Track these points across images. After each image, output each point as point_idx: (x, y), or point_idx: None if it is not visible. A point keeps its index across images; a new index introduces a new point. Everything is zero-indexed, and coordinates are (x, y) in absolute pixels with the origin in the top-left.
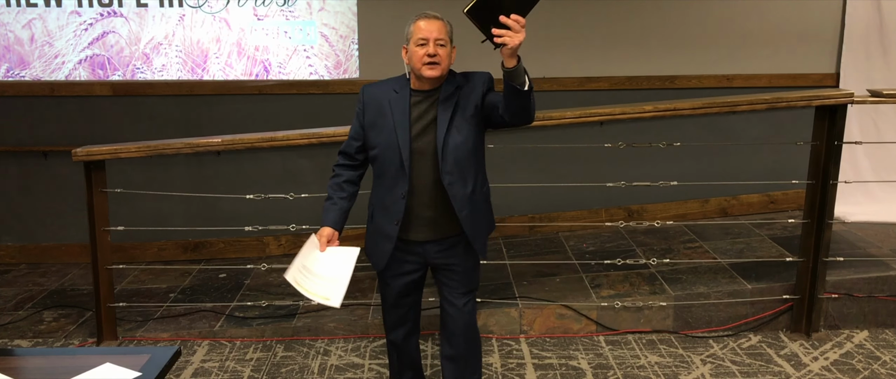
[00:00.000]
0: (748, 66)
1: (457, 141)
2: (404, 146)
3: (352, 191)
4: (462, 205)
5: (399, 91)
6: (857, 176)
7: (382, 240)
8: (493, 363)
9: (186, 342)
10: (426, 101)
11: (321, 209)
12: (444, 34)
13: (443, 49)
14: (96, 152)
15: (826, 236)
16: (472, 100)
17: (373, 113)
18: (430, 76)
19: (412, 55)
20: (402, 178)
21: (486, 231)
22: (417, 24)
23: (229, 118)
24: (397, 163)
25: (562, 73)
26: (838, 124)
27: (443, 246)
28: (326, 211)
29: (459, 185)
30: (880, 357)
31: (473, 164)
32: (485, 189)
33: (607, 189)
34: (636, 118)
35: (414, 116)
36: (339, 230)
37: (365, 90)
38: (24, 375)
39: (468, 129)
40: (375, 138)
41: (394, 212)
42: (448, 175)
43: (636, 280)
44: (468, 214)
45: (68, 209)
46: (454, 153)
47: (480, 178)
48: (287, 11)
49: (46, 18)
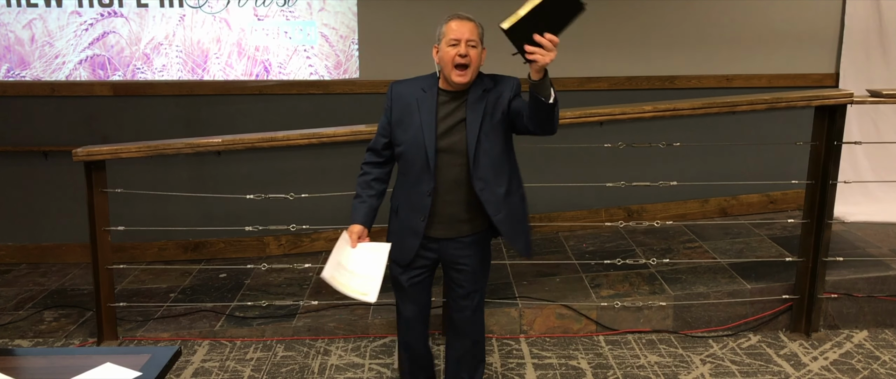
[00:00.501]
0: (748, 66)
1: (487, 145)
2: (430, 144)
3: (380, 189)
4: (497, 208)
5: (427, 90)
6: (857, 176)
7: (408, 235)
8: (493, 363)
9: (187, 342)
10: (454, 101)
11: (321, 209)
12: (476, 36)
13: (473, 50)
14: (96, 152)
15: (826, 236)
16: (499, 106)
17: (400, 110)
18: (460, 83)
19: (443, 55)
20: (427, 175)
21: (525, 231)
22: (449, 24)
23: (229, 118)
24: (422, 160)
25: (562, 73)
26: (838, 124)
27: (460, 244)
28: (355, 209)
29: (492, 188)
30: (880, 357)
31: (506, 166)
32: (521, 190)
33: (607, 189)
34: (636, 118)
35: (441, 116)
36: (368, 227)
37: (393, 87)
38: (24, 374)
39: (496, 134)
40: (401, 136)
41: (420, 208)
42: (480, 181)
43: (636, 280)
44: (505, 216)
45: (68, 209)
46: (486, 157)
47: (515, 181)
48: (287, 12)
49: (47, 18)
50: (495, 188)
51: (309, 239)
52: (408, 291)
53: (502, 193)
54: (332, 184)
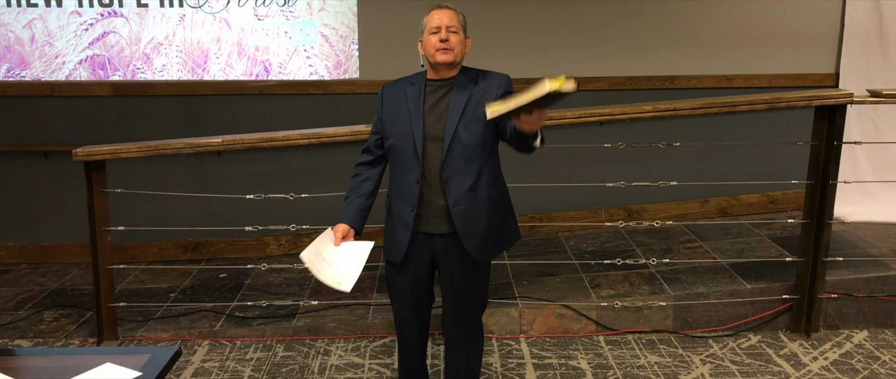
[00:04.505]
0: (748, 66)
1: (464, 135)
2: (418, 131)
3: (370, 189)
4: (457, 199)
5: (415, 83)
6: (857, 176)
7: (399, 229)
8: (493, 363)
9: (187, 342)
10: (441, 89)
11: (321, 209)
12: (457, 22)
13: (455, 36)
14: (96, 152)
15: (825, 236)
16: (484, 99)
17: (391, 106)
18: (444, 61)
19: (426, 44)
20: (415, 163)
21: (489, 235)
22: (430, 15)
23: (229, 118)
24: (411, 149)
25: (562, 73)
26: (838, 124)
27: (454, 240)
28: (344, 209)
29: (458, 178)
30: (880, 357)
31: (480, 161)
32: (492, 191)
33: (607, 189)
34: (636, 118)
35: (428, 105)
36: (355, 228)
37: (384, 88)
38: (24, 374)
39: (477, 126)
40: (391, 128)
41: (409, 197)
42: (448, 167)
43: (636, 280)
44: (462, 209)
45: (68, 209)
46: (460, 145)
47: (487, 180)
48: (287, 12)
49: (47, 18)
50: (461, 180)
51: (309, 239)
52: (402, 297)
53: (467, 186)
54: (331, 184)
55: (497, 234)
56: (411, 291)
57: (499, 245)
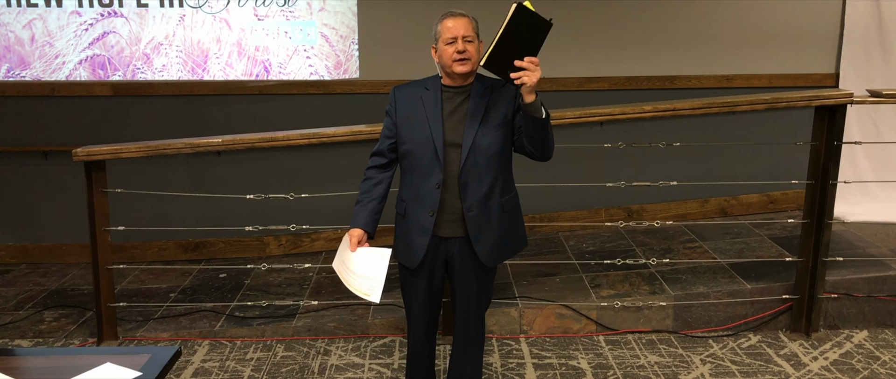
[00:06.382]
0: (748, 66)
1: (483, 142)
2: (438, 138)
3: (382, 193)
4: (471, 204)
5: (431, 88)
6: (857, 176)
7: (417, 233)
8: (493, 363)
9: (187, 342)
10: (458, 96)
11: (321, 209)
12: (471, 30)
13: (471, 45)
14: (97, 152)
15: (825, 236)
16: (500, 108)
17: (405, 110)
18: (462, 72)
19: (442, 54)
20: (437, 168)
21: (499, 241)
22: (444, 23)
23: (229, 118)
24: (431, 155)
25: (562, 73)
26: (838, 124)
27: (467, 242)
28: (356, 213)
29: (474, 184)
30: (880, 357)
31: (496, 169)
32: (505, 198)
33: (607, 189)
34: (636, 118)
35: (447, 111)
36: (369, 232)
37: (396, 90)
38: (24, 374)
39: (494, 134)
40: (407, 133)
41: (429, 202)
42: (466, 173)
43: (636, 280)
44: (476, 214)
45: (68, 209)
46: (476, 152)
47: (501, 185)
48: (287, 12)
49: (47, 19)
50: (477, 186)
51: (309, 239)
52: (417, 299)
53: (483, 193)
54: (332, 184)
55: (506, 240)
56: (427, 293)
57: (507, 251)
